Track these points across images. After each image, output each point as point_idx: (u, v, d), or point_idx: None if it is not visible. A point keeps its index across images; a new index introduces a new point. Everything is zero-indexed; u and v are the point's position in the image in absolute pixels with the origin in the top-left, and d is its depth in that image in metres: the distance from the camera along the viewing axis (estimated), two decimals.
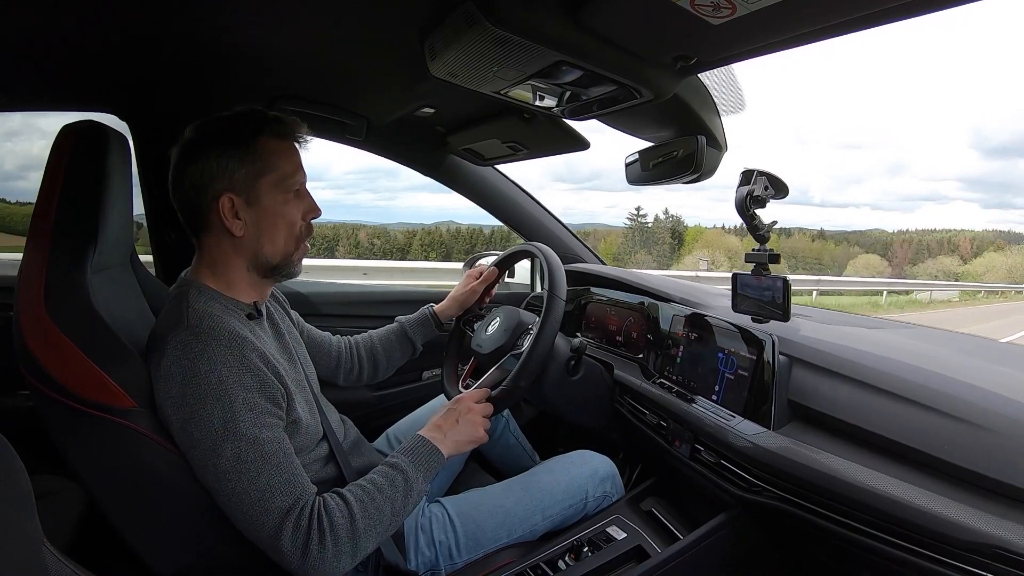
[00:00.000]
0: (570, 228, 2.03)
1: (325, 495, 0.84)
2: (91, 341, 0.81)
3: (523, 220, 1.94)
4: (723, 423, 1.05)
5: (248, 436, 0.79)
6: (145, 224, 1.48)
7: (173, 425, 0.80)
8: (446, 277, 6.53)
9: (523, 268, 2.00)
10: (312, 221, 0.98)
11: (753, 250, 1.10)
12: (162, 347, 0.82)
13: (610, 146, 1.74)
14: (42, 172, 0.87)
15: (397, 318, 1.40)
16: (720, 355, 1.15)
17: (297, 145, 0.95)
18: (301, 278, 1.06)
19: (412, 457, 0.92)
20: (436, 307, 1.41)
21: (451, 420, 1.01)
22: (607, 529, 1.17)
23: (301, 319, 1.23)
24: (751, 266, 1.10)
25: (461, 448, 1.01)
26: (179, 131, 0.92)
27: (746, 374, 1.07)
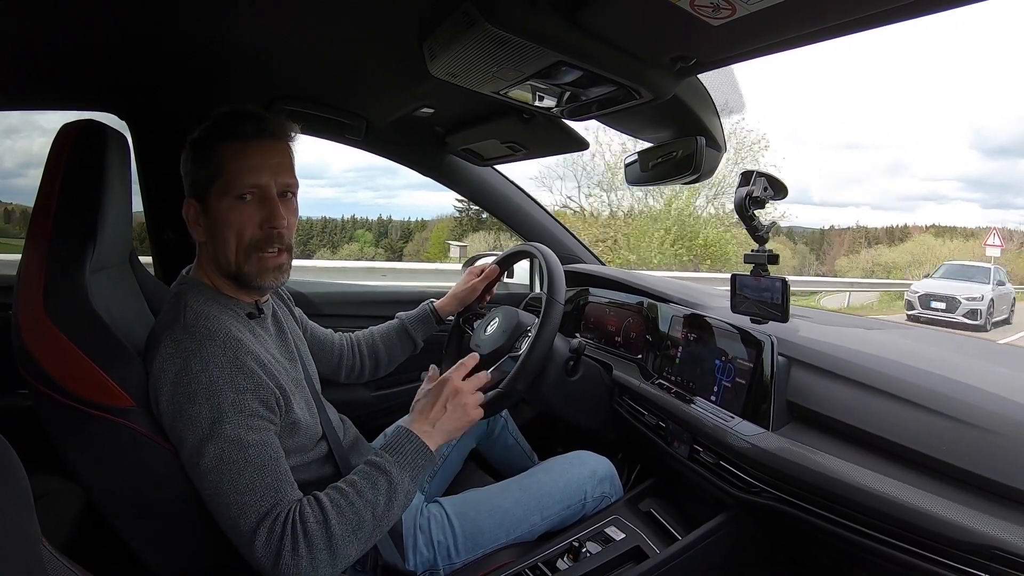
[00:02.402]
0: (568, 228, 2.03)
1: (303, 499, 0.81)
2: (90, 341, 0.81)
3: (522, 220, 1.94)
4: (722, 424, 1.05)
5: (233, 437, 0.79)
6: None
7: (165, 422, 0.81)
8: None
9: (522, 268, 2.00)
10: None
11: (752, 251, 1.10)
12: (157, 345, 0.82)
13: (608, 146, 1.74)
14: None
15: (398, 314, 1.40)
16: (719, 356, 1.15)
17: (269, 144, 0.88)
18: (303, 279, 1.06)
19: (397, 456, 0.87)
20: (436, 303, 1.41)
21: (440, 407, 0.94)
22: (606, 529, 1.17)
23: (304, 316, 1.23)
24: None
25: (454, 435, 0.95)
26: (178, 131, 0.92)
27: (745, 375, 1.07)
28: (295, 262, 0.96)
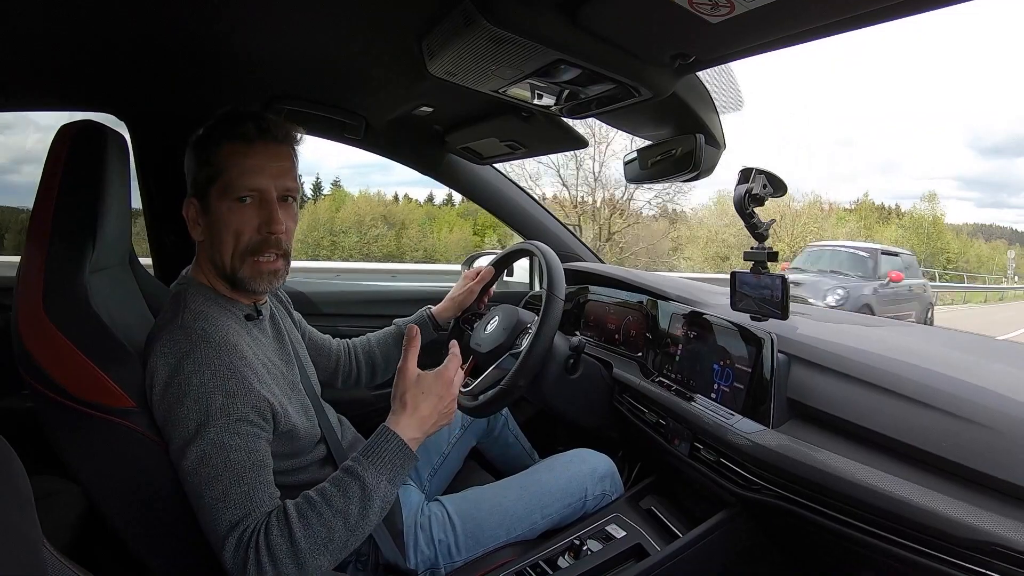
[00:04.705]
0: (568, 227, 2.03)
1: (272, 511, 0.78)
2: (89, 341, 0.81)
3: (521, 218, 1.94)
4: (722, 421, 1.05)
5: (216, 441, 0.77)
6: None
7: (158, 421, 0.81)
8: None
9: (522, 267, 2.00)
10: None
11: (751, 248, 1.10)
12: (153, 344, 0.82)
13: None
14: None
15: (394, 321, 1.39)
16: (719, 354, 1.15)
17: (272, 147, 0.88)
18: (303, 277, 1.06)
19: (373, 459, 0.82)
20: (434, 309, 1.39)
21: (429, 406, 0.87)
22: (606, 527, 1.17)
23: (303, 320, 1.23)
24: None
25: (435, 430, 0.89)
26: (178, 131, 0.92)
27: (745, 372, 1.07)
28: None
